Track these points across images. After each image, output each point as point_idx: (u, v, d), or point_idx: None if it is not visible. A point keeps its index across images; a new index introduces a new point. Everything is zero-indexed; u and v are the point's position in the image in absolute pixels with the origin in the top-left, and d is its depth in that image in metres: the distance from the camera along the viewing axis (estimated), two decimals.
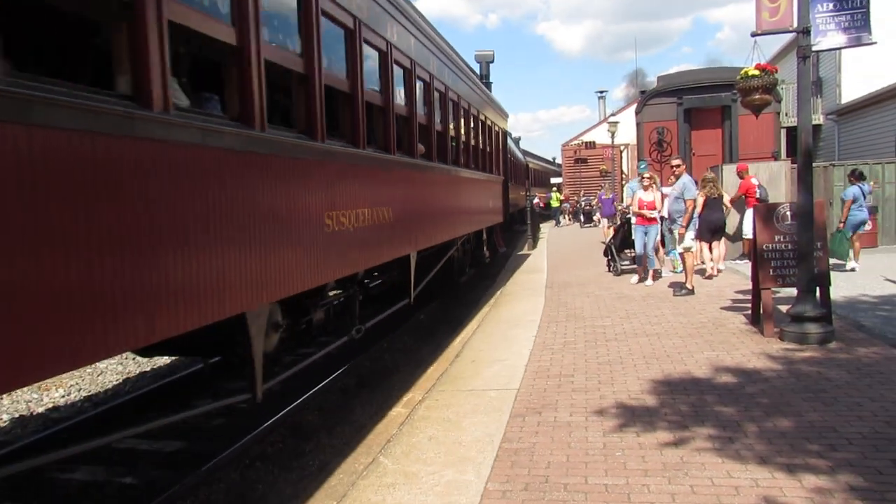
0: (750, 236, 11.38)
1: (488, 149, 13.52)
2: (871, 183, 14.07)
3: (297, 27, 4.88)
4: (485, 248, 14.13)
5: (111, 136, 2.94)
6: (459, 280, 12.18)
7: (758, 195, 11.97)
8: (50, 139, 2.61)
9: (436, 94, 8.91)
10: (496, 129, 14.86)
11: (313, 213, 4.97)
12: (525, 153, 33.30)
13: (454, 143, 10.23)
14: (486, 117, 13.32)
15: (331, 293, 6.64)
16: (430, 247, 8.69)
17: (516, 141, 30.58)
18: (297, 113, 5.04)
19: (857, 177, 12.31)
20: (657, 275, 11.59)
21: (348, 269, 5.79)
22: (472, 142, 11.82)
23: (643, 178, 11.53)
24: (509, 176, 17.67)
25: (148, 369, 8.40)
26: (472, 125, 11.68)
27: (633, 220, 11.84)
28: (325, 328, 6.45)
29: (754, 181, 12.51)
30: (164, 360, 8.51)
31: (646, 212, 11.17)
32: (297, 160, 4.77)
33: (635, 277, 11.58)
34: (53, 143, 2.63)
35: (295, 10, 4.85)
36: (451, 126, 9.85)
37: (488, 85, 16.62)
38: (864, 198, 12.16)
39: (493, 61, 18.58)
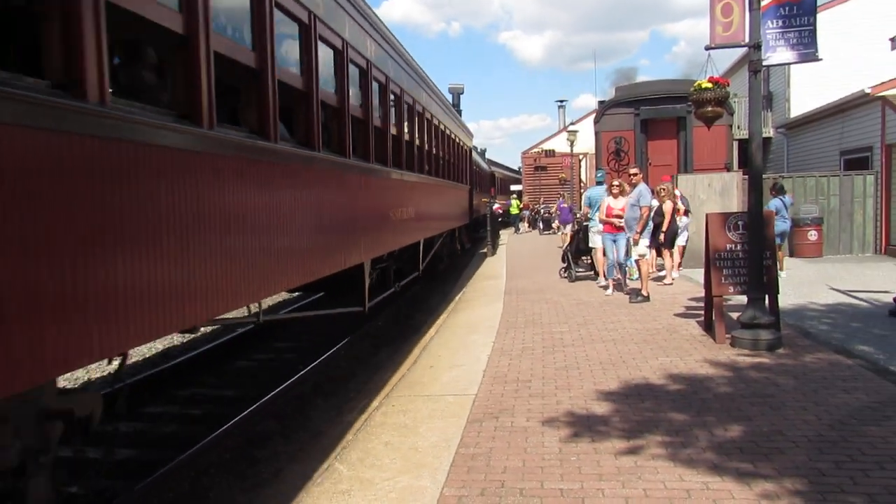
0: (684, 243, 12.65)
1: (459, 163, 17.07)
2: (792, 195, 14.73)
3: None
4: (457, 244, 18.43)
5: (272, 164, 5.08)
6: (440, 266, 15.71)
7: (680, 206, 12.26)
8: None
9: (426, 124, 12.04)
10: (464, 147, 18.66)
11: (386, 209, 8.55)
12: (491, 163, 37.09)
13: (438, 160, 13.43)
14: (458, 137, 16.79)
15: (383, 263, 9.68)
16: (430, 237, 12.13)
17: (483, 152, 34.86)
18: (392, 155, 8.96)
19: (777, 190, 12.81)
20: (618, 285, 11.38)
21: (396, 245, 9.33)
22: (449, 158, 15.15)
23: (612, 185, 11.23)
24: (474, 185, 20.80)
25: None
26: (448, 145, 14.96)
27: (600, 227, 11.85)
28: (384, 281, 9.90)
29: (677, 192, 12.85)
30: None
31: (614, 220, 11.02)
32: (390, 180, 8.74)
33: (610, 289, 11.29)
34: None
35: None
36: (436, 146, 13.08)
37: (459, 112, 20.69)
38: (786, 209, 12.63)
39: (463, 93, 23.23)
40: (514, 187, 47.60)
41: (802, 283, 11.63)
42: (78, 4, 2.82)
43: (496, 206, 27.48)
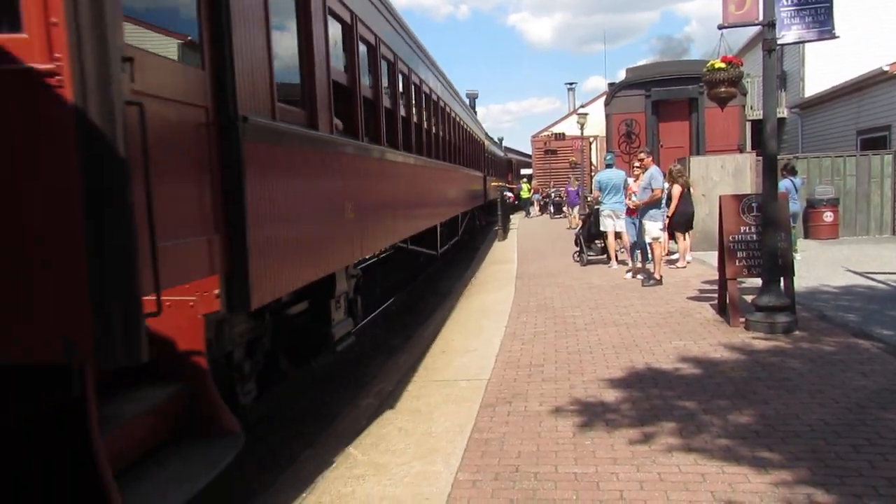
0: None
1: (477, 154, 20.40)
2: (803, 176, 14.53)
3: (437, 115, 11.53)
4: (476, 220, 21.92)
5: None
6: (465, 237, 18.90)
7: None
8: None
9: (456, 126, 14.96)
10: (478, 139, 21.44)
11: (441, 191, 11.40)
12: (507, 150, 43.15)
13: (463, 152, 16.16)
14: (474, 132, 19.85)
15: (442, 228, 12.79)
16: (447, 220, 13.55)
17: (500, 141, 40.61)
18: (441, 151, 12.17)
19: (789, 170, 12.64)
20: (638, 268, 11.25)
21: (448, 216, 12.70)
22: (470, 150, 18.14)
23: (633, 166, 11.06)
24: (488, 172, 24.32)
25: None
26: (469, 140, 17.85)
27: (610, 210, 11.79)
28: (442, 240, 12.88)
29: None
30: None
31: (629, 202, 10.92)
32: (443, 170, 11.56)
33: (630, 273, 11.17)
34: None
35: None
36: (462, 142, 15.78)
37: (475, 112, 25.44)
38: (796, 191, 12.46)
39: (477, 97, 29.96)
40: (524, 171, 47.44)
41: (818, 265, 11.52)
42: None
43: (507, 193, 27.53)
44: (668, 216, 11.20)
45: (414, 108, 9.70)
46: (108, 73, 2.51)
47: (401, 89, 8.83)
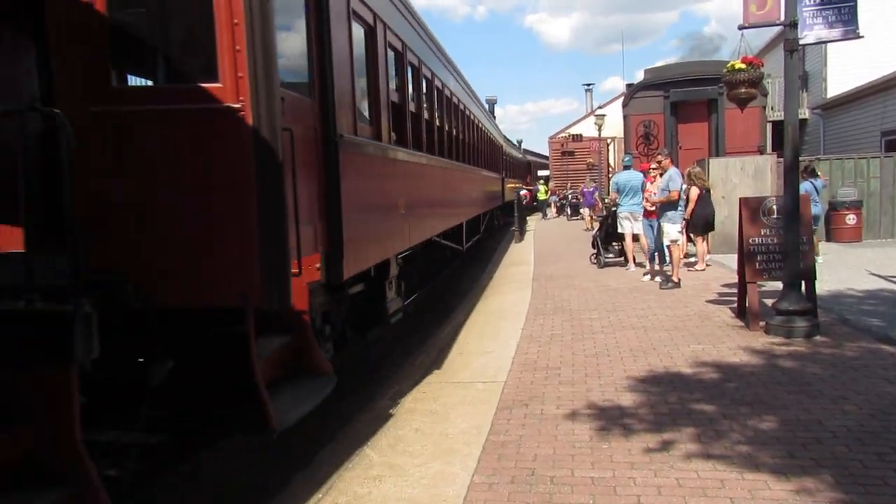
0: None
1: (496, 157, 21.53)
2: (824, 178, 14.32)
3: (463, 123, 12.82)
4: (494, 220, 22.47)
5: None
6: (484, 235, 19.23)
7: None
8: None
9: (479, 132, 16.28)
10: (497, 143, 22.47)
11: (468, 193, 12.82)
12: (527, 152, 45.29)
13: (485, 156, 17.58)
14: (493, 136, 20.90)
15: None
16: (471, 218, 14.32)
17: (519, 143, 42.55)
18: (470, 156, 13.84)
19: (809, 173, 12.47)
20: (656, 271, 11.13)
21: (472, 215, 14.05)
22: (490, 154, 19.41)
23: (651, 168, 11.03)
24: (507, 174, 25.39)
25: None
26: (486, 142, 18.35)
27: (628, 212, 11.76)
28: (466, 237, 13.83)
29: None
30: None
31: (646, 204, 10.91)
32: (470, 173, 13.39)
33: (649, 274, 11.10)
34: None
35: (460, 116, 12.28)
36: (484, 147, 17.05)
37: (494, 117, 26.98)
38: (817, 193, 12.28)
39: (496, 103, 31.00)
40: (541, 172, 47.34)
41: (840, 269, 11.36)
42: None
43: (523, 191, 27.54)
44: (685, 218, 11.12)
45: (446, 118, 10.95)
46: (272, 109, 3.66)
47: (436, 102, 10.02)
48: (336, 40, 5.04)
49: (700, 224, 11.35)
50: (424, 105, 8.90)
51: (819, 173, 13.31)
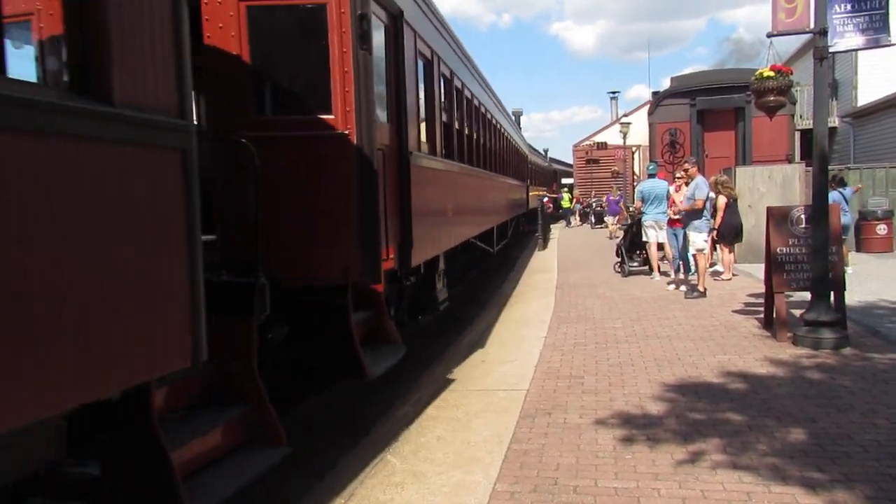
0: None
1: (521, 166, 22.32)
2: (854, 187, 14.06)
3: (494, 135, 13.99)
4: (520, 226, 23.27)
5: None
6: (512, 240, 20.26)
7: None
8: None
9: (507, 143, 17.35)
10: (523, 152, 23.44)
11: (498, 200, 13.87)
12: (553, 160, 47.35)
13: (513, 166, 18.72)
14: (520, 147, 22.16)
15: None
16: (500, 223, 15.01)
17: (545, 152, 44.76)
18: (499, 165, 14.61)
19: (837, 182, 12.26)
20: (681, 280, 10.98)
21: (500, 221, 14.61)
22: (517, 164, 20.57)
23: (676, 177, 10.94)
24: (532, 182, 26.31)
25: None
26: (513, 152, 19.44)
27: (652, 221, 11.68)
28: (496, 240, 14.50)
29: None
30: None
31: (671, 212, 10.81)
32: (500, 182, 14.29)
33: (673, 285, 11.02)
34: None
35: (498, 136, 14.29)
36: (507, 154, 17.17)
37: (519, 125, 28.84)
38: (846, 202, 12.06)
39: (522, 114, 33.04)
40: (565, 181, 47.17)
41: (871, 280, 11.15)
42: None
43: (545, 198, 27.49)
44: (714, 228, 11.00)
45: (481, 132, 12.05)
46: (371, 134, 5.00)
47: (474, 119, 11.21)
48: (407, 75, 6.22)
49: (728, 233, 11.22)
50: (465, 121, 10.12)
51: (848, 182, 13.10)
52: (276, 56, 5.22)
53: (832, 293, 6.94)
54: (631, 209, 17.31)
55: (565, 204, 35.80)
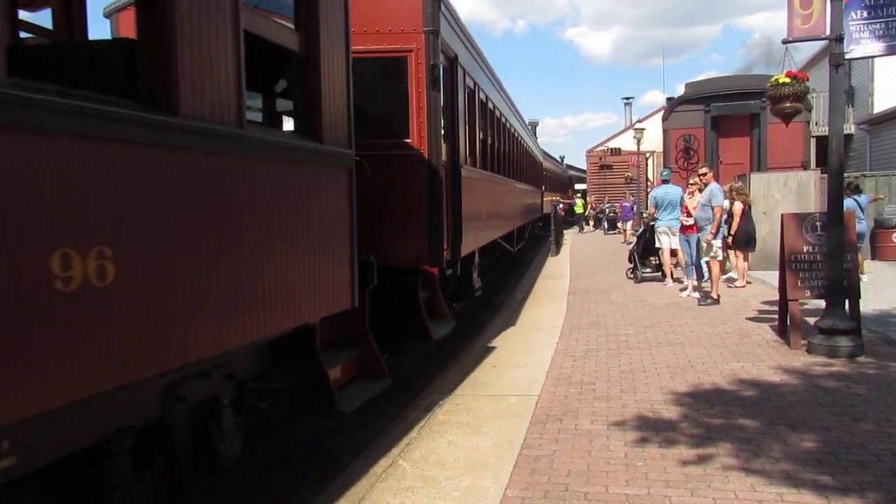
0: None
1: (537, 174, 23.57)
2: (872, 196, 13.92)
3: (516, 147, 15.58)
4: (535, 230, 24.58)
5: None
6: (528, 243, 21.43)
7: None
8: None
9: (526, 153, 18.74)
10: (538, 161, 24.60)
11: (519, 205, 15.59)
12: (569, 167, 51.04)
13: (530, 173, 19.84)
14: (535, 156, 23.41)
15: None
16: (520, 226, 16.69)
17: (561, 159, 48.33)
18: (519, 172, 15.87)
19: (852, 189, 12.15)
20: (694, 287, 10.86)
21: (520, 224, 16.31)
22: (534, 171, 21.82)
23: (689, 183, 10.95)
24: (546, 188, 27.60)
25: None
26: (531, 162, 21.02)
27: (666, 227, 11.65)
28: (517, 240, 16.34)
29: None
30: None
31: (684, 219, 10.78)
32: (521, 190, 16.04)
33: (688, 290, 10.93)
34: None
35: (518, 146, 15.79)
36: (525, 162, 18.34)
37: (535, 135, 30.16)
38: (861, 210, 11.93)
39: (538, 125, 36.08)
40: (578, 186, 47.07)
41: (886, 288, 11.03)
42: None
43: (560, 205, 27.49)
44: (730, 234, 10.95)
45: (505, 144, 13.42)
46: (438, 153, 6.63)
47: (500, 133, 12.58)
48: (458, 104, 7.84)
49: (742, 239, 11.16)
50: (495, 136, 11.64)
51: (864, 190, 12.98)
52: (368, 93, 6.35)
53: (847, 301, 6.88)
54: (644, 215, 17.26)
55: (578, 209, 35.69)
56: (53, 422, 2.54)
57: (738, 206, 11.03)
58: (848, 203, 11.78)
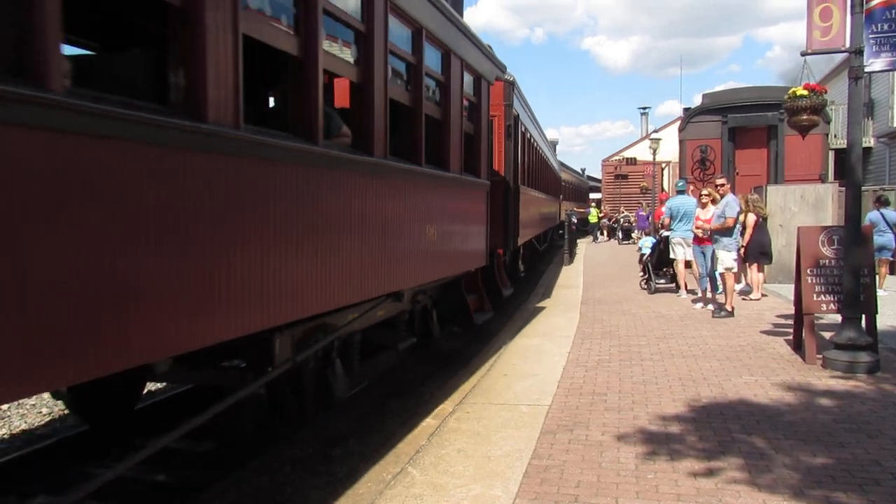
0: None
1: (556, 185, 26.42)
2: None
3: (543, 164, 20.00)
4: (553, 235, 27.51)
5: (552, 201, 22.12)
6: (547, 246, 24.76)
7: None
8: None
9: (549, 167, 22.25)
10: (557, 174, 27.80)
11: (543, 212, 19.42)
12: (590, 178, 55.93)
13: (551, 185, 22.83)
14: (555, 170, 26.45)
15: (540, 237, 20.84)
16: (543, 231, 20.66)
17: (582, 171, 55.25)
18: (543, 183, 19.26)
19: (882, 202, 12.00)
20: (708, 299, 10.86)
21: (541, 230, 19.97)
22: (554, 183, 24.71)
23: (701, 195, 10.98)
24: (565, 197, 30.85)
25: None
26: (554, 176, 24.69)
27: (680, 238, 11.60)
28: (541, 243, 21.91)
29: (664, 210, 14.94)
30: None
31: (698, 231, 10.72)
32: (548, 200, 20.48)
33: (701, 302, 10.93)
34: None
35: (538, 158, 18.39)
36: (550, 177, 22.19)
37: (555, 150, 32.96)
38: (886, 223, 11.77)
39: (557, 143, 37.44)
40: (593, 195, 46.95)
41: None
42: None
43: (574, 217, 27.51)
44: (742, 246, 10.87)
45: (534, 162, 16.39)
46: (510, 180, 11.32)
47: (533, 155, 16.05)
48: (518, 146, 12.01)
49: (755, 251, 11.08)
50: (531, 159, 15.37)
51: (891, 203, 12.79)
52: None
53: (864, 316, 6.81)
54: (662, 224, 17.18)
55: (592, 219, 35.58)
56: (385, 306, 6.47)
57: (751, 218, 10.96)
58: (871, 216, 11.67)
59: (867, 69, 6.80)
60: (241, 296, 3.70)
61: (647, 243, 14.57)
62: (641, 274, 13.80)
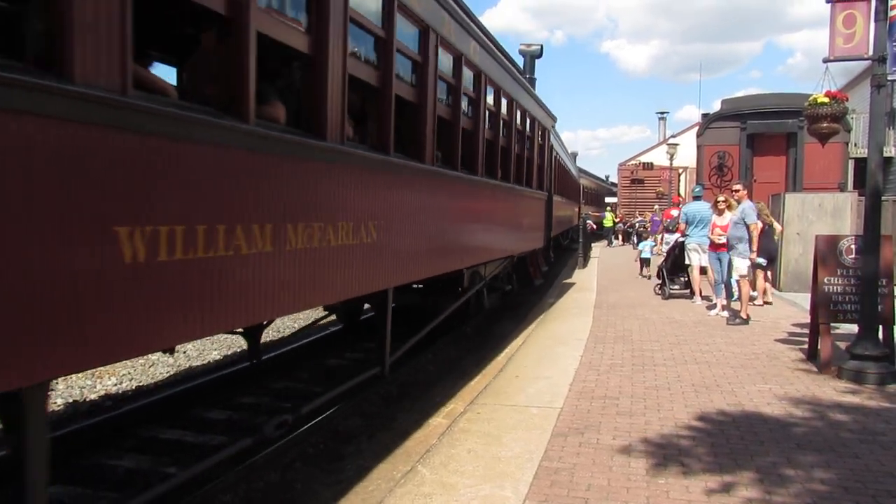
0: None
1: (576, 191, 28.57)
2: None
3: (565, 174, 23.52)
4: (571, 236, 28.76)
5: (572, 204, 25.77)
6: (568, 243, 27.52)
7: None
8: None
9: (570, 177, 25.16)
10: (577, 182, 29.66)
11: (567, 214, 23.48)
12: (613, 184, 55.54)
13: (572, 191, 25.93)
14: (575, 177, 28.22)
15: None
16: (565, 230, 23.70)
17: (606, 178, 59.33)
18: (560, 188, 20.55)
19: None
20: (725, 306, 10.67)
21: (563, 228, 23.00)
22: (574, 190, 27.18)
23: (717, 201, 10.98)
24: (584, 202, 33.09)
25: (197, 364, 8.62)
26: (574, 184, 27.28)
27: (696, 244, 11.54)
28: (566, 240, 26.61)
29: (674, 213, 15.91)
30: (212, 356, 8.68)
31: (715, 237, 10.63)
32: (569, 203, 23.99)
33: (717, 308, 10.83)
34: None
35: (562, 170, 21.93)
36: (571, 185, 25.32)
37: (575, 160, 35.22)
38: None
39: (577, 155, 39.14)
40: (608, 199, 46.80)
41: None
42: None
43: (589, 221, 27.52)
44: (753, 252, 10.79)
45: (557, 174, 18.07)
46: (551, 192, 15.51)
47: (557, 168, 17.94)
48: (551, 166, 15.38)
49: (763, 258, 10.96)
50: (559, 173, 18.36)
51: None
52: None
53: (881, 327, 6.74)
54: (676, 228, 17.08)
55: (607, 223, 35.43)
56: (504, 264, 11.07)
57: (758, 225, 10.83)
58: None
59: (890, 77, 6.73)
60: (453, 250, 7.57)
61: (646, 247, 17.35)
62: (640, 274, 16.40)
